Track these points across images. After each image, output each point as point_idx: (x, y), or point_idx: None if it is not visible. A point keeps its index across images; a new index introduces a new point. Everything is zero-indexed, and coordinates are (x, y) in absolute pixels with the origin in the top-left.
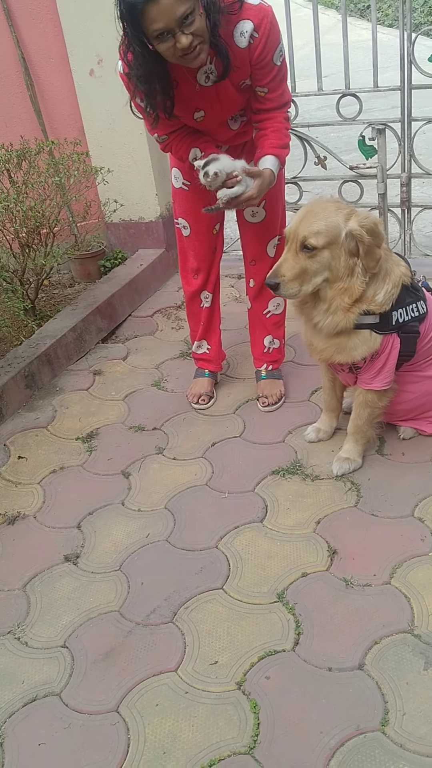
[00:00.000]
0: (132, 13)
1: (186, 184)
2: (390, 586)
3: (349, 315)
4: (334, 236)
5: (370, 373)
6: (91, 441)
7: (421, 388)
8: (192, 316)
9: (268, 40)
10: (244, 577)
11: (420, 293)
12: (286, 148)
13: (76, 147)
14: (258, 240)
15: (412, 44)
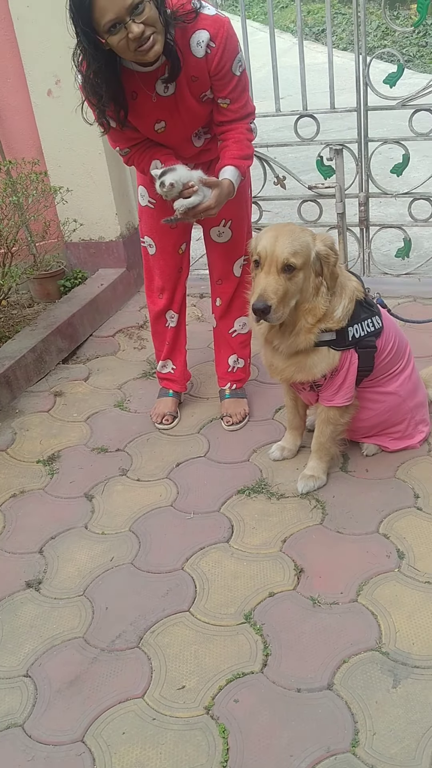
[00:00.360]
0: (81, 8)
1: (152, 202)
2: (357, 603)
3: (309, 335)
4: (307, 256)
5: (330, 390)
6: (52, 464)
7: (382, 404)
8: (157, 336)
9: (225, 50)
10: (210, 598)
11: (374, 309)
12: (247, 159)
13: (35, 167)
14: (224, 260)
15: (367, 67)
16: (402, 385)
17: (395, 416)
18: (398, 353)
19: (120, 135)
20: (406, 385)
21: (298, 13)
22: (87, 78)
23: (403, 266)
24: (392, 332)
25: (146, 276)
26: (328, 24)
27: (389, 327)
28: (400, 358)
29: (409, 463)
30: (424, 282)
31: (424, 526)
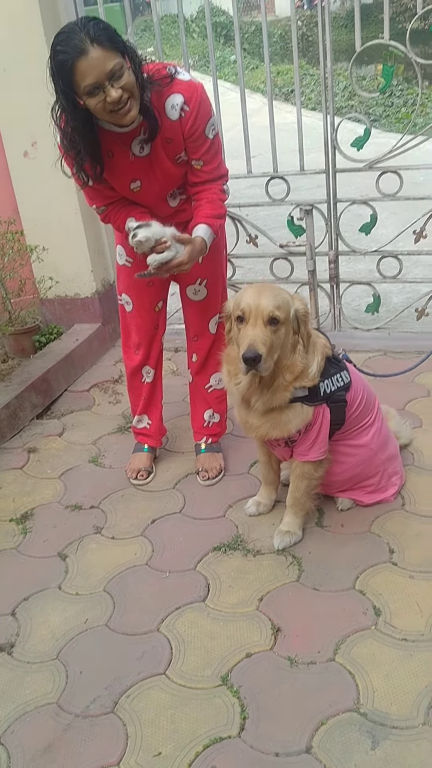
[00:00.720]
0: (63, 70)
1: (129, 261)
2: (334, 663)
3: (285, 393)
4: (288, 312)
5: (305, 444)
6: (25, 522)
7: (355, 458)
8: (133, 391)
9: (199, 113)
10: (187, 660)
11: (341, 364)
12: (220, 218)
13: (11, 226)
14: (200, 317)
15: (335, 131)
16: (373, 437)
17: (368, 469)
18: (367, 406)
19: (97, 193)
20: (377, 438)
21: (268, 77)
22: (66, 133)
23: (373, 321)
24: (360, 386)
25: (123, 332)
26: (297, 88)
27: (357, 381)
28: (370, 411)
29: (383, 517)
30: (393, 336)
31: (400, 581)
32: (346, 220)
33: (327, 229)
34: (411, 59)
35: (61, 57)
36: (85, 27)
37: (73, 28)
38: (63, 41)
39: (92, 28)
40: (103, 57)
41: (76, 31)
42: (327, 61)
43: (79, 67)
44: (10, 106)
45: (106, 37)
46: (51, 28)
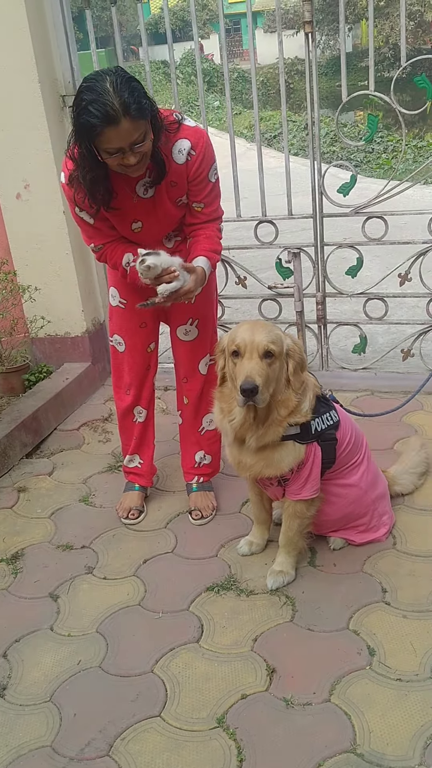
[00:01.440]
0: (89, 133)
1: (122, 302)
2: (330, 703)
3: (279, 428)
4: (281, 347)
5: (297, 483)
6: (16, 562)
7: (345, 498)
8: (124, 431)
9: (204, 158)
10: (182, 702)
11: (330, 403)
12: (217, 253)
13: (3, 266)
14: (190, 358)
15: (322, 177)
16: (362, 476)
17: (359, 508)
18: (356, 445)
19: (97, 232)
20: (366, 477)
21: (256, 125)
22: (83, 179)
23: (360, 361)
24: (348, 425)
25: (114, 373)
26: (285, 136)
27: (345, 420)
28: (359, 450)
29: (375, 556)
30: (380, 376)
31: (393, 621)
32: (332, 262)
33: (314, 272)
34: (395, 108)
35: (91, 121)
36: (120, 92)
37: (106, 89)
38: (94, 103)
39: (127, 94)
40: (131, 128)
41: (110, 94)
42: (314, 111)
43: (107, 134)
44: (4, 149)
45: (138, 107)
46: (45, 73)
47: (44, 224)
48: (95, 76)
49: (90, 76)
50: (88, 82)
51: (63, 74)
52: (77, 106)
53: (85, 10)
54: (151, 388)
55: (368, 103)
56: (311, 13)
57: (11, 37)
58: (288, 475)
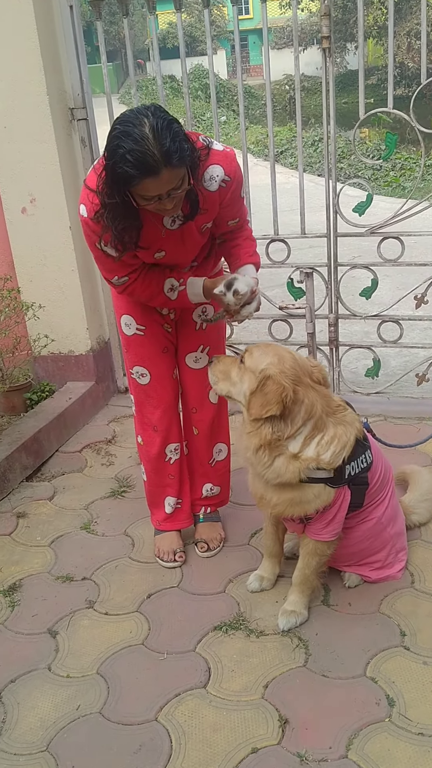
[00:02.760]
0: (126, 182)
1: (141, 329)
2: (347, 760)
3: (290, 466)
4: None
5: (320, 523)
6: (13, 594)
7: (362, 532)
8: (157, 474)
9: (238, 183)
10: (188, 756)
11: (367, 443)
12: (257, 254)
13: (6, 283)
14: (200, 386)
15: (337, 196)
16: (384, 512)
17: (376, 543)
18: (383, 482)
19: (119, 264)
20: (388, 512)
21: (270, 142)
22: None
23: (373, 385)
24: (379, 462)
25: (138, 411)
26: (299, 152)
27: (377, 457)
28: (385, 487)
29: (392, 596)
30: (393, 401)
31: (413, 668)
32: (344, 282)
33: (327, 293)
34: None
35: (129, 172)
36: (161, 139)
37: (145, 136)
38: (133, 152)
39: (169, 141)
40: (171, 177)
41: (150, 142)
42: (330, 128)
43: (145, 184)
44: (9, 162)
45: (180, 156)
46: (54, 88)
47: (49, 240)
48: (133, 119)
49: (126, 118)
50: (124, 125)
51: (72, 87)
52: (112, 153)
53: (95, 23)
54: (179, 419)
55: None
56: (329, 28)
57: (20, 48)
58: (312, 515)
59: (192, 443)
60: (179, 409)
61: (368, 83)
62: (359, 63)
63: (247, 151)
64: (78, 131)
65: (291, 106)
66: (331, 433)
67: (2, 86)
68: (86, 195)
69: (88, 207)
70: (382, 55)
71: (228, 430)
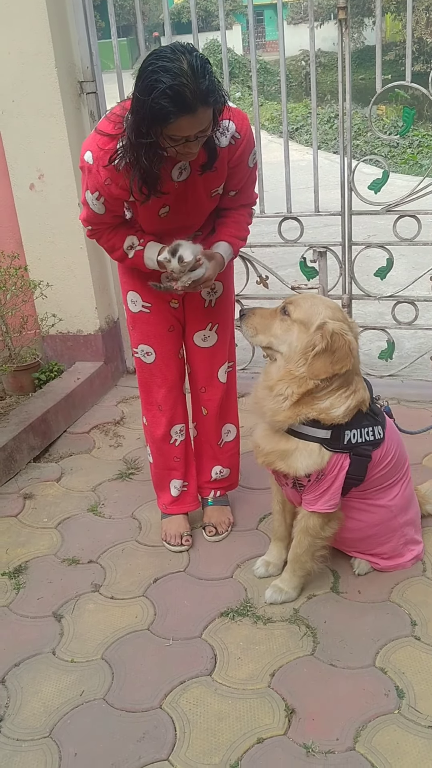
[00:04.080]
0: (160, 119)
1: (146, 306)
2: (355, 752)
3: (291, 412)
4: (307, 319)
5: (314, 493)
6: (18, 576)
7: (371, 518)
8: (162, 456)
9: (248, 142)
10: (192, 744)
11: (379, 418)
12: (242, 240)
13: (14, 261)
14: (209, 365)
15: (352, 173)
16: (395, 498)
17: (384, 531)
18: (395, 467)
19: (99, 219)
20: (399, 500)
21: (284, 118)
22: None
23: (386, 368)
24: (394, 445)
25: (142, 391)
26: (313, 129)
27: (391, 439)
28: (397, 471)
29: (403, 584)
30: (407, 384)
31: (424, 659)
32: (358, 262)
33: (341, 272)
34: (422, 102)
35: (166, 109)
36: (200, 78)
37: (184, 71)
38: (172, 88)
39: (208, 82)
40: (204, 117)
41: (189, 78)
42: (346, 103)
43: (180, 122)
44: (17, 137)
45: (216, 96)
46: (63, 61)
47: (58, 217)
48: (169, 55)
49: (162, 54)
50: (162, 60)
51: (81, 59)
52: (149, 88)
53: None
54: (185, 400)
55: (393, 98)
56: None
57: (28, 19)
58: (304, 481)
59: (201, 424)
60: (185, 389)
61: (385, 59)
62: (376, 36)
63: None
64: (87, 105)
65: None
66: (352, 389)
67: (10, 59)
68: (96, 141)
69: (97, 154)
70: (400, 30)
71: (237, 410)
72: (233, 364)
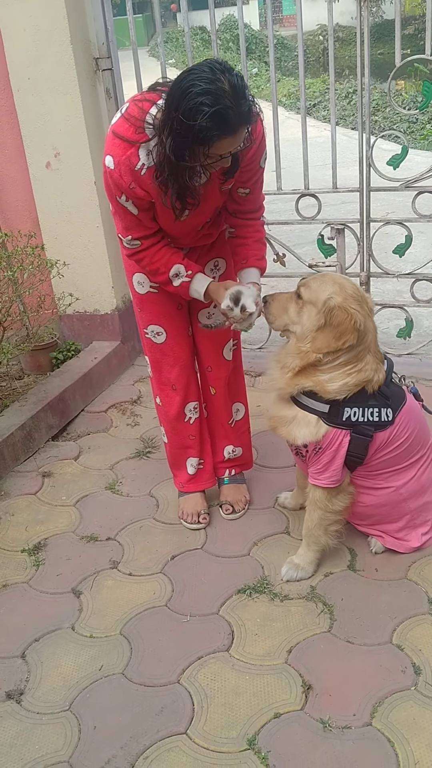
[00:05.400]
0: (203, 141)
1: (154, 286)
2: (371, 728)
3: (291, 380)
4: (315, 298)
5: (316, 466)
6: (38, 553)
7: (378, 498)
8: (177, 436)
9: (260, 145)
10: (210, 719)
11: (389, 401)
12: (265, 259)
13: (31, 240)
14: (214, 344)
15: (371, 149)
16: (407, 483)
17: (393, 512)
18: (409, 451)
19: (137, 223)
20: (411, 485)
21: (302, 93)
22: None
23: (404, 346)
24: (409, 429)
25: (154, 371)
26: (332, 104)
27: (407, 423)
28: (410, 456)
29: (420, 562)
30: (425, 363)
31: None
32: (376, 239)
33: (359, 250)
34: None
35: (210, 132)
36: (241, 99)
37: (226, 92)
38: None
39: (246, 103)
40: (243, 135)
41: (230, 99)
42: (365, 78)
43: (222, 143)
44: (33, 115)
45: (254, 114)
46: (78, 37)
47: (74, 195)
48: (210, 74)
49: (203, 73)
50: (203, 81)
51: (96, 36)
52: (193, 111)
53: None
54: (197, 377)
55: (412, 72)
56: None
57: None
58: (303, 451)
59: (210, 404)
60: (196, 368)
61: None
62: (396, 9)
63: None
64: (103, 82)
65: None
66: (358, 368)
67: (25, 36)
68: (117, 145)
69: (118, 159)
70: (420, 3)
71: (245, 388)
72: (237, 342)
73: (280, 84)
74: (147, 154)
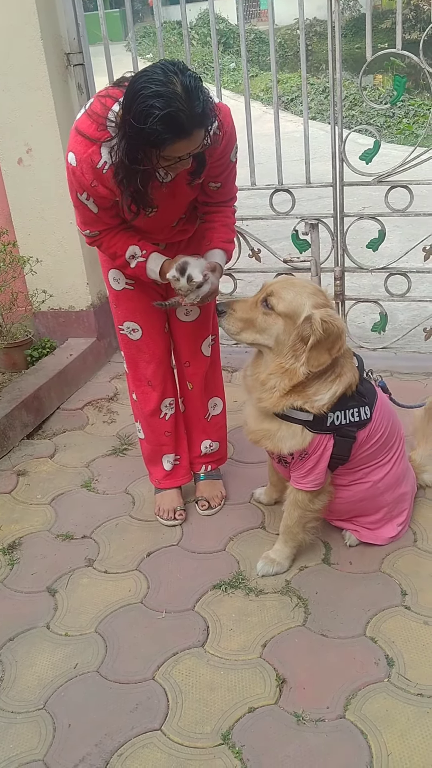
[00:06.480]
0: (155, 145)
1: (130, 283)
2: (345, 720)
3: (279, 401)
4: (293, 311)
5: (300, 471)
6: (12, 552)
7: (356, 494)
8: (153, 432)
9: (230, 138)
10: (184, 714)
11: (366, 398)
12: (232, 243)
13: (3, 236)
14: (192, 339)
15: (343, 143)
16: (384, 477)
17: (370, 506)
18: (385, 445)
19: (96, 219)
20: (388, 478)
21: (274, 88)
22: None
23: (379, 340)
24: (383, 423)
25: (130, 367)
26: (305, 100)
27: (381, 417)
28: (386, 451)
29: (394, 555)
30: (400, 356)
31: (413, 628)
32: (350, 233)
33: (333, 245)
34: (417, 72)
35: (161, 135)
36: (194, 101)
37: (178, 95)
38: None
39: (202, 104)
40: (198, 137)
41: (183, 102)
42: (336, 72)
43: (176, 146)
44: (5, 111)
45: (211, 117)
46: (49, 32)
47: (47, 191)
48: (162, 76)
49: (155, 75)
50: (154, 84)
51: (68, 30)
52: (143, 114)
53: None
54: (173, 373)
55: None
56: None
57: None
58: (288, 458)
59: (187, 399)
60: (172, 364)
61: (382, 27)
62: (367, 3)
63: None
64: (74, 77)
65: None
66: (337, 373)
67: None
68: (79, 142)
69: (80, 156)
70: None
71: (222, 383)
72: (216, 337)
73: (258, 78)
74: (109, 152)
